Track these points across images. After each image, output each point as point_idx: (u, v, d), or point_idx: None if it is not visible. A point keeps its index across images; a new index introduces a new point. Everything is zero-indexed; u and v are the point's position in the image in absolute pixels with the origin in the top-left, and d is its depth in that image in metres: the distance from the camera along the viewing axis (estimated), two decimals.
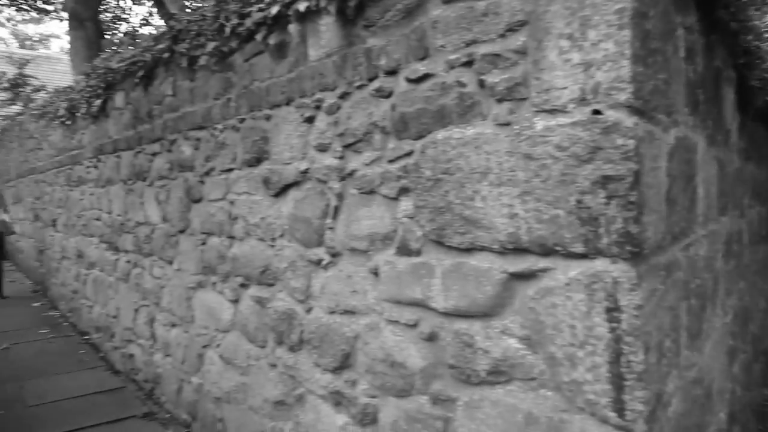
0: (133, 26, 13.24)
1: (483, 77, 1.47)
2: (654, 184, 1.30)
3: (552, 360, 1.39)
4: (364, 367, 2.02)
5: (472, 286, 1.56)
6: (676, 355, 1.51)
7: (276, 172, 2.40)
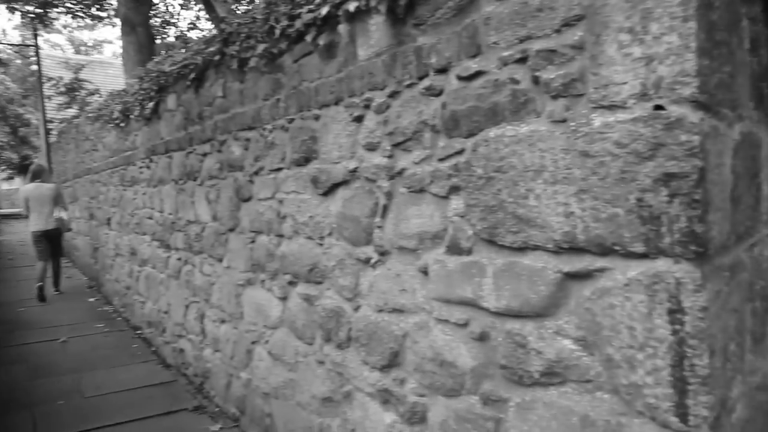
0: (181, 30, 13.62)
1: (537, 74, 1.44)
2: (719, 181, 1.25)
3: (609, 362, 1.36)
4: (412, 366, 2.02)
5: (525, 286, 1.54)
6: (741, 360, 1.45)
7: (324, 171, 2.42)
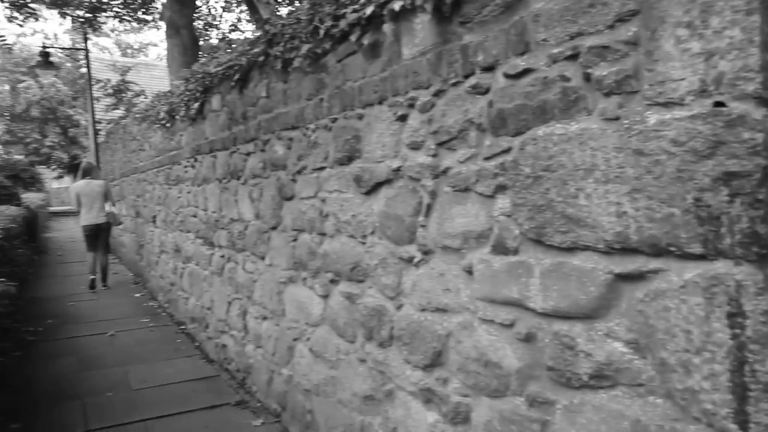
0: (223, 32, 13.89)
1: (589, 70, 1.41)
2: None
3: (663, 366, 1.32)
4: (456, 366, 2.01)
5: (574, 287, 1.52)
6: None
7: (367, 171, 2.44)
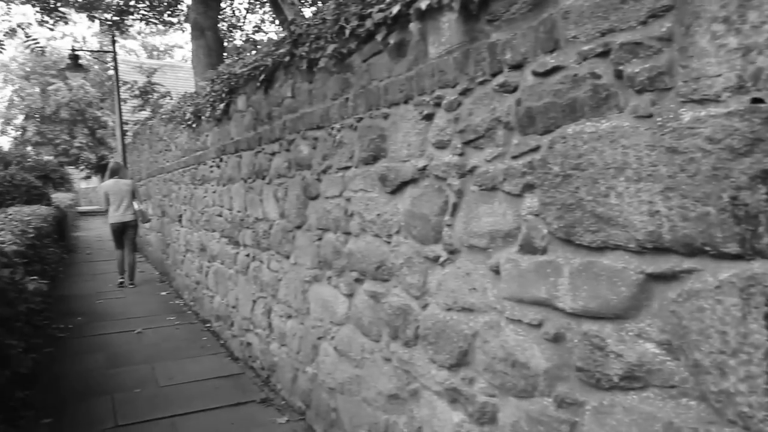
0: (246, 34, 14.03)
1: (621, 68, 1.40)
2: None
3: (697, 368, 1.30)
4: (482, 366, 2.00)
5: (605, 287, 1.50)
6: None
7: (393, 170, 2.44)
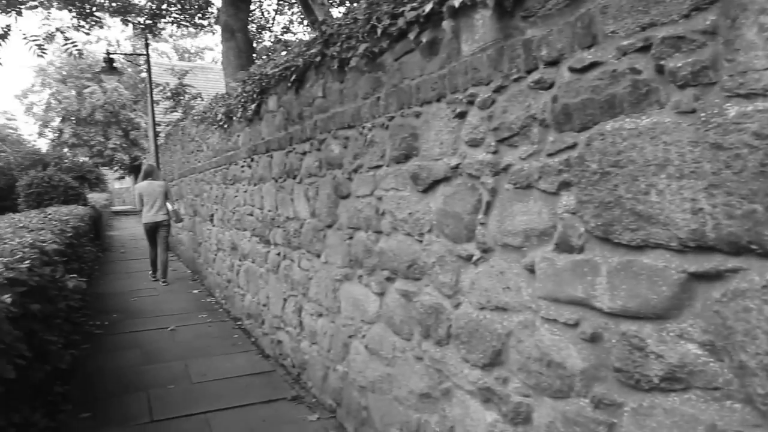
0: (275, 35, 14.17)
1: (662, 62, 1.37)
2: None
3: (742, 369, 1.27)
4: (516, 365, 1.98)
5: (645, 286, 1.47)
6: None
7: (425, 168, 2.43)
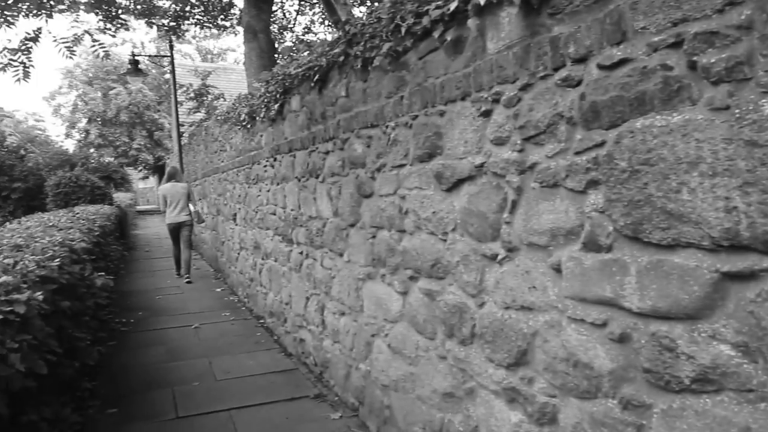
0: (297, 35, 14.25)
1: (695, 58, 1.34)
2: None
3: None
4: (542, 365, 1.96)
5: (675, 286, 1.45)
6: None
7: (449, 167, 2.43)
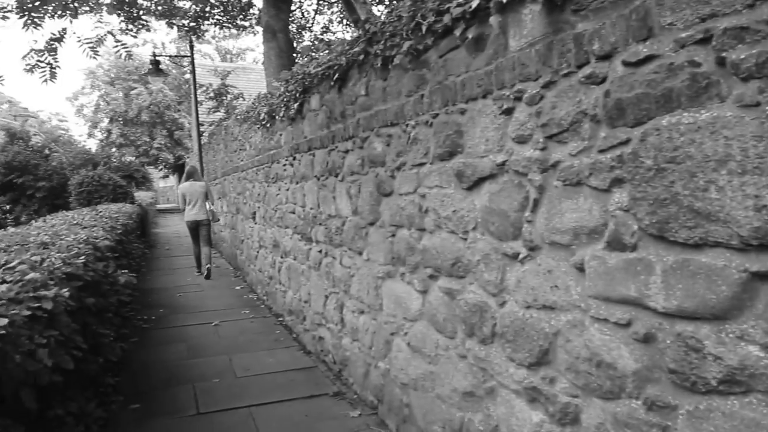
0: (315, 34, 14.29)
1: (723, 54, 1.32)
2: None
3: None
4: (564, 365, 1.95)
5: (702, 286, 1.42)
6: None
7: (470, 166, 2.42)
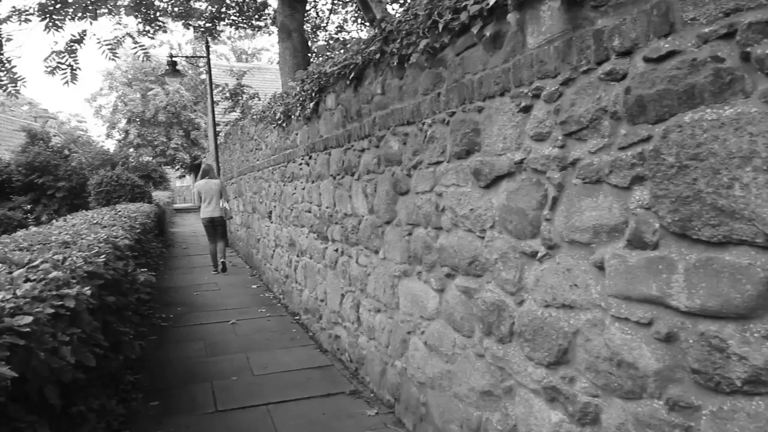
0: (330, 34, 14.32)
1: (748, 49, 1.30)
2: None
3: None
4: (584, 365, 1.93)
5: (726, 285, 1.40)
6: None
7: (487, 164, 2.41)
